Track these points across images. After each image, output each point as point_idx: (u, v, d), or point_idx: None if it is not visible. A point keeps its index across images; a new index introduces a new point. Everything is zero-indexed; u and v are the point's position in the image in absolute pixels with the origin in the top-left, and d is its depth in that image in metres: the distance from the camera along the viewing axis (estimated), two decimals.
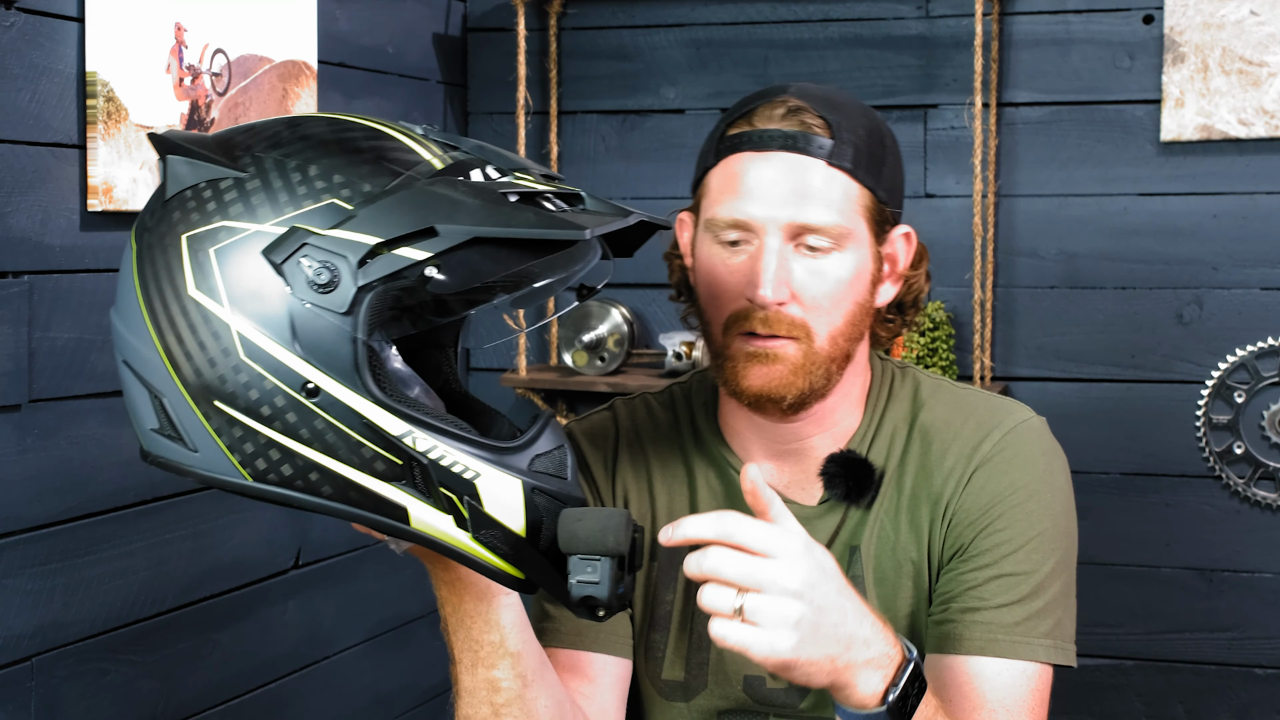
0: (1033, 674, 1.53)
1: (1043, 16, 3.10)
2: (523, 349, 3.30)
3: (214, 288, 1.22)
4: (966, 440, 1.59)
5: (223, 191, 1.23)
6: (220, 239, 1.22)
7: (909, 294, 1.64)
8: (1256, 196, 3.00)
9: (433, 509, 1.24)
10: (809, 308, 1.53)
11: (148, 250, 1.26)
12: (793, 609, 1.26)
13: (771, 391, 1.54)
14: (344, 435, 1.22)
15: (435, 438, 1.23)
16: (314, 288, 1.20)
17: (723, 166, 1.56)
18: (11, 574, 2.18)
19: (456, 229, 1.20)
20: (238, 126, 1.31)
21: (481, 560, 1.27)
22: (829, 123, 1.54)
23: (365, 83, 3.02)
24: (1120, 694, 3.11)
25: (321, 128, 1.27)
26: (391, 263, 1.20)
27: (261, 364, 1.21)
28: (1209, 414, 3.04)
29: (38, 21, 2.19)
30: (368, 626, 3.04)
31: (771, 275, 1.51)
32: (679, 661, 1.64)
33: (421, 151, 1.26)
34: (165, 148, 1.27)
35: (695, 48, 3.29)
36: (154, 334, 1.24)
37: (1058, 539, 1.57)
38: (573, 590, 1.27)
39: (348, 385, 1.21)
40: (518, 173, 1.28)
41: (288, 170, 1.23)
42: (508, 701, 1.42)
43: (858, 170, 1.54)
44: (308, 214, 1.21)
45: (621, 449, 1.68)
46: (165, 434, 1.26)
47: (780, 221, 1.52)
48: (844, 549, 1.60)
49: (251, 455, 1.23)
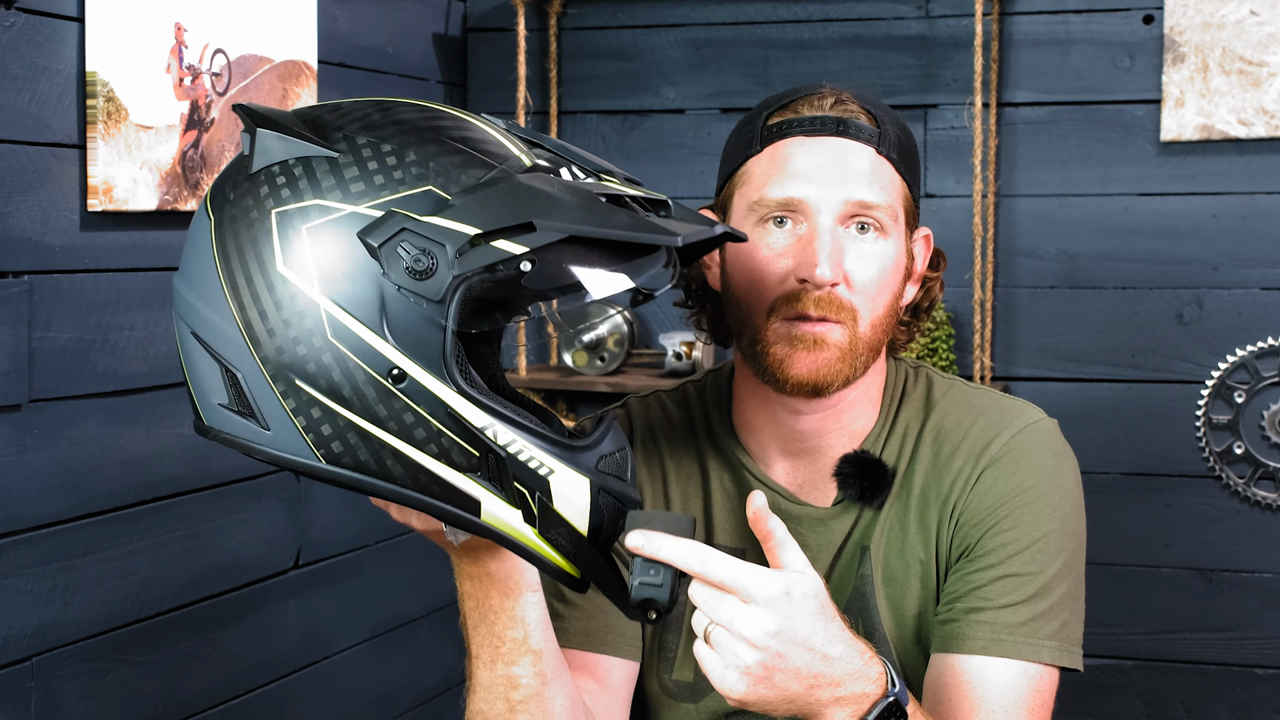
0: (1035, 675, 1.52)
1: (1043, 16, 3.11)
2: (523, 349, 3.30)
3: (305, 266, 1.20)
4: (975, 440, 1.59)
5: (315, 169, 1.22)
6: (313, 217, 1.21)
7: (925, 298, 1.65)
8: (1256, 196, 3.00)
9: (504, 503, 1.24)
10: (857, 291, 1.53)
11: (230, 222, 1.24)
12: (747, 655, 1.27)
13: (819, 379, 1.52)
14: (426, 423, 1.21)
15: (515, 432, 1.23)
16: (411, 274, 1.19)
17: (769, 152, 1.55)
18: (11, 574, 2.18)
19: (555, 225, 1.19)
20: (323, 104, 1.30)
21: (544, 557, 1.27)
22: (871, 113, 1.55)
23: (365, 83, 3.02)
24: (1120, 694, 3.11)
25: (413, 114, 1.26)
26: (488, 255, 1.19)
27: (348, 346, 1.20)
28: (1209, 414, 3.04)
29: (38, 21, 2.19)
30: (368, 626, 3.04)
31: (828, 254, 1.50)
32: (689, 663, 1.64)
33: (510, 145, 1.26)
34: (257, 120, 1.25)
35: (695, 48, 3.29)
36: (234, 308, 1.22)
37: (1065, 541, 1.57)
38: (635, 591, 1.27)
39: (434, 374, 1.20)
40: (603, 174, 1.28)
41: (383, 153, 1.22)
42: (525, 699, 1.42)
43: (899, 162, 1.55)
44: (404, 199, 1.20)
45: (635, 447, 1.68)
46: (234, 409, 1.24)
47: (835, 201, 1.52)
48: (855, 549, 1.60)
49: (328, 437, 1.22)
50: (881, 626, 1.58)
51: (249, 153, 1.26)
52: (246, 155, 1.26)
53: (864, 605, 1.59)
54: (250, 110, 1.27)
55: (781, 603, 1.27)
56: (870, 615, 1.58)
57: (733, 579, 1.27)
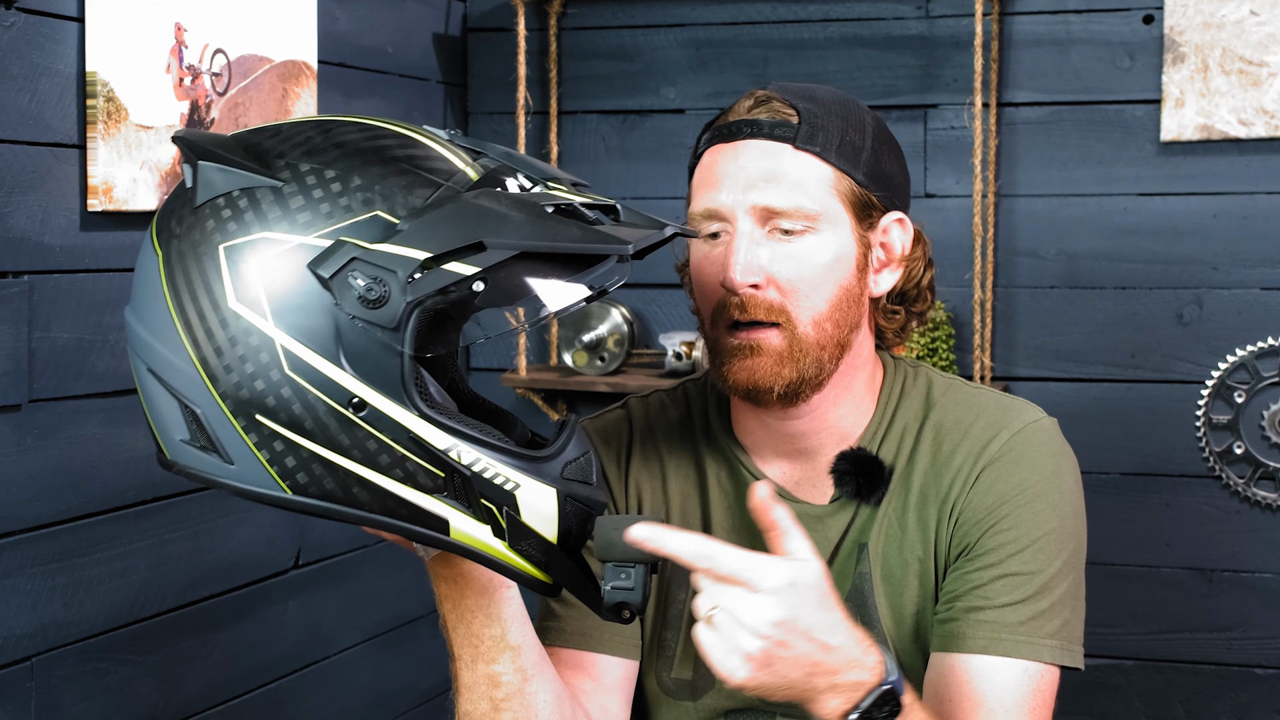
0: (1035, 674, 1.52)
1: (1043, 16, 3.10)
2: (523, 349, 3.30)
3: (256, 300, 1.21)
4: (975, 439, 1.59)
5: (260, 201, 1.22)
6: (261, 250, 1.21)
7: (909, 281, 1.63)
8: (1256, 196, 3.00)
9: (472, 520, 1.25)
10: (786, 292, 1.52)
11: (179, 258, 1.23)
12: (750, 642, 1.28)
13: (757, 383, 1.53)
14: (389, 449, 1.22)
15: (478, 450, 1.24)
16: (364, 303, 1.19)
17: (701, 164, 1.57)
18: (11, 574, 2.18)
19: (504, 243, 1.20)
20: (262, 129, 1.29)
21: (516, 568, 1.28)
22: (798, 109, 1.54)
23: (365, 83, 3.02)
24: (1120, 694, 3.11)
25: (355, 134, 1.26)
26: (440, 278, 1.19)
27: (306, 378, 1.21)
28: (1209, 414, 3.04)
29: (38, 21, 2.19)
30: (368, 626, 3.04)
31: (741, 258, 1.51)
32: (688, 661, 1.64)
33: (454, 160, 1.25)
34: (197, 152, 1.25)
35: (695, 48, 3.29)
36: (189, 346, 1.23)
37: (1065, 540, 1.57)
38: (607, 596, 1.28)
39: (394, 400, 1.21)
40: (550, 182, 1.28)
41: (327, 180, 1.22)
42: (507, 696, 1.43)
43: (828, 153, 1.53)
44: (352, 226, 1.20)
45: (635, 447, 1.68)
46: (197, 445, 1.25)
47: (746, 205, 1.52)
48: (853, 546, 1.60)
49: (293, 469, 1.23)
50: (880, 624, 1.59)
51: (191, 185, 1.25)
52: (190, 187, 1.25)
53: (862, 603, 1.59)
54: (189, 141, 1.26)
55: (787, 592, 1.28)
56: (869, 613, 1.59)
57: (739, 569, 1.28)
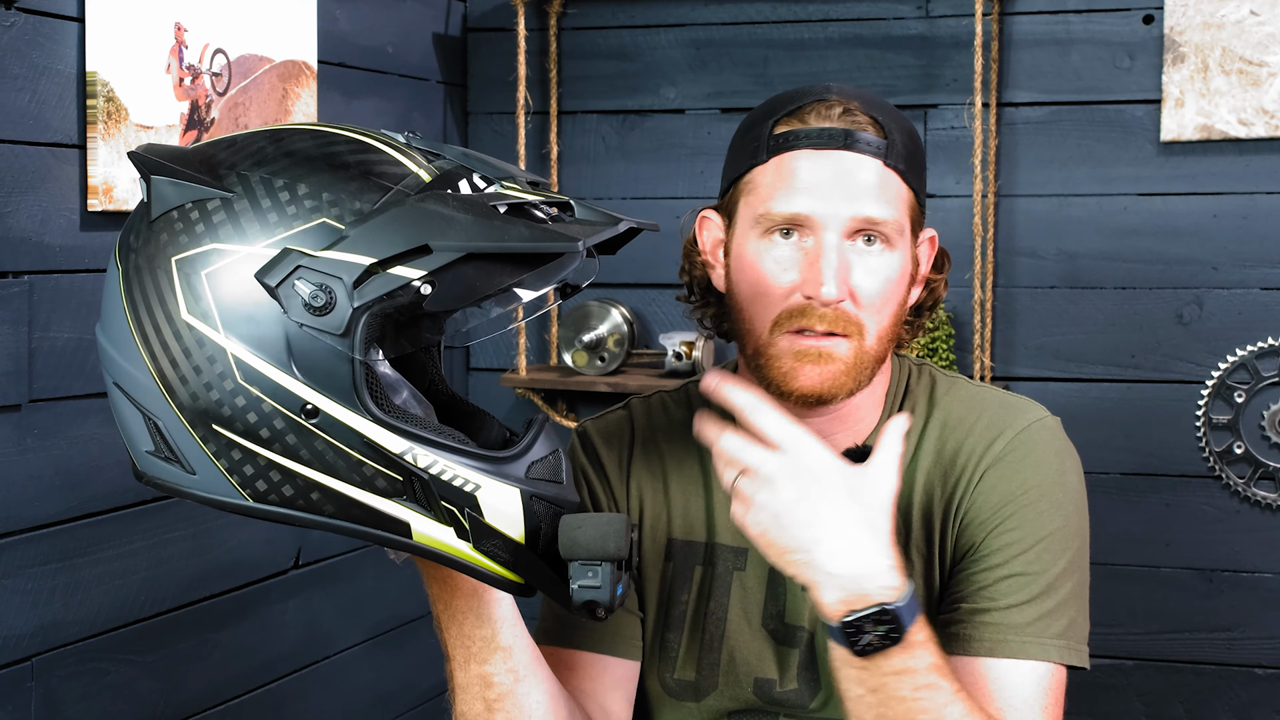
0: (1044, 674, 1.52)
1: (1043, 16, 3.10)
2: (523, 349, 3.30)
3: (207, 312, 1.22)
4: (979, 439, 1.59)
5: (210, 213, 1.23)
6: (211, 262, 1.22)
7: (929, 298, 1.65)
8: (1256, 196, 3.00)
9: (434, 522, 1.25)
10: (863, 306, 1.53)
11: (135, 273, 1.25)
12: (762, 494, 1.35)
13: (825, 391, 1.53)
14: (344, 454, 1.23)
15: (435, 453, 1.24)
16: (310, 310, 1.20)
17: (775, 163, 1.54)
18: (11, 574, 2.18)
19: (450, 246, 1.20)
20: (219, 141, 1.31)
21: (483, 569, 1.28)
22: (879, 122, 1.54)
23: (365, 83, 3.02)
24: (1120, 694, 3.11)
25: (306, 142, 1.27)
26: (386, 282, 1.20)
27: (259, 387, 1.22)
28: (1209, 414, 3.04)
29: (38, 21, 2.19)
30: (368, 626, 3.04)
31: (834, 272, 1.50)
32: (691, 661, 1.64)
33: (407, 163, 1.26)
34: (150, 167, 1.26)
35: (695, 48, 3.29)
36: (147, 359, 1.24)
37: (1069, 539, 1.57)
38: (575, 595, 1.28)
39: (346, 405, 1.22)
40: (505, 181, 1.28)
41: (275, 189, 1.23)
42: (500, 696, 1.43)
43: (906, 171, 1.55)
44: (299, 234, 1.21)
45: (637, 448, 1.68)
46: (161, 456, 1.26)
47: (842, 217, 1.51)
48: None
49: (252, 477, 1.24)
50: None
51: (147, 200, 1.27)
52: (146, 202, 1.27)
53: None
54: (140, 157, 1.28)
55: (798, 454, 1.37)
56: None
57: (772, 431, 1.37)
